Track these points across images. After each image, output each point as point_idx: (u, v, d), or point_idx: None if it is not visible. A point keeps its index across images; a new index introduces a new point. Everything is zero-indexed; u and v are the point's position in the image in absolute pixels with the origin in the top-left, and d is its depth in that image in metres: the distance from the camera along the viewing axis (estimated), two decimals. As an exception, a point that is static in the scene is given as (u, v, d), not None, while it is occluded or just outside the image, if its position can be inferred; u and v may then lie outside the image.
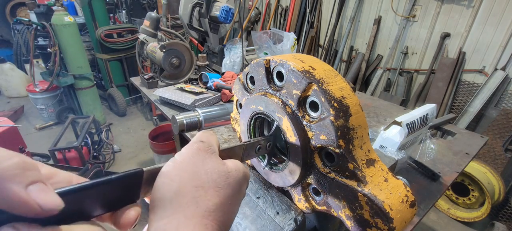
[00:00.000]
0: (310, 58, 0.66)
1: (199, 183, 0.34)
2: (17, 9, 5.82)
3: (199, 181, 0.34)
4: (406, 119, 1.06)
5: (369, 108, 1.89)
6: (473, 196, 2.68)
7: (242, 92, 0.81)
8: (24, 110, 4.83)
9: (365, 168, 0.59)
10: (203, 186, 0.34)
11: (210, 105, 1.80)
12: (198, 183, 0.34)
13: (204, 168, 0.36)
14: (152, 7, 4.93)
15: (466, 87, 2.97)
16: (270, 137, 0.70)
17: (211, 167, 0.37)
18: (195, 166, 0.36)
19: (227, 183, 0.37)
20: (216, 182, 0.36)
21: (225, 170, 0.38)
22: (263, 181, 0.84)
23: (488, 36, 2.74)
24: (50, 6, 3.77)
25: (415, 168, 1.23)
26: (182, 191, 0.33)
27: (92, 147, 3.20)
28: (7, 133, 1.60)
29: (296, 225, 0.71)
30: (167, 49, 1.99)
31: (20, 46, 4.91)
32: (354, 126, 0.58)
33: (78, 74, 3.80)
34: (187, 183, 0.33)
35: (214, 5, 2.20)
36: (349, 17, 3.81)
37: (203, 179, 0.35)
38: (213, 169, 0.37)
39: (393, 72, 3.57)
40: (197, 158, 0.37)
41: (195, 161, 0.36)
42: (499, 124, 2.68)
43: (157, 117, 4.36)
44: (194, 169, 0.35)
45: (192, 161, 0.36)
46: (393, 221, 0.53)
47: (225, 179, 0.37)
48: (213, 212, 0.34)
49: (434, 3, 3.03)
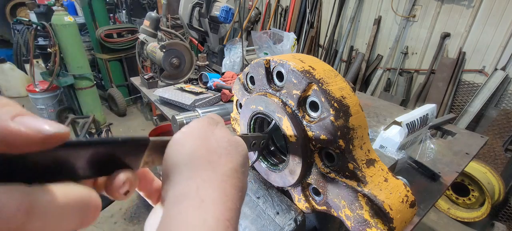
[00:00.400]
0: (310, 58, 0.66)
1: (212, 148, 0.34)
2: (17, 9, 5.82)
3: (212, 147, 0.34)
4: (406, 119, 1.06)
5: (369, 108, 1.89)
6: (473, 196, 2.68)
7: (242, 92, 0.81)
8: (24, 110, 4.83)
9: (365, 168, 0.59)
10: (216, 151, 0.34)
11: (210, 105, 1.80)
12: (211, 148, 0.34)
13: (214, 136, 0.36)
14: (152, 7, 4.93)
15: (466, 87, 2.97)
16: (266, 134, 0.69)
17: (221, 135, 0.36)
18: (205, 133, 0.35)
19: (237, 151, 0.37)
20: (228, 149, 0.35)
21: (234, 139, 0.38)
22: (263, 181, 0.84)
23: (488, 36, 2.74)
24: (50, 6, 3.77)
25: (415, 168, 1.23)
26: (196, 154, 0.32)
27: (92, 147, 3.19)
28: (7, 133, 1.60)
29: (296, 225, 0.71)
30: (167, 49, 1.99)
31: (20, 46, 4.91)
32: (354, 126, 0.58)
33: (78, 74, 3.79)
34: (200, 146, 0.33)
35: (214, 5, 2.20)
36: (349, 17, 3.81)
37: (214, 145, 0.34)
38: (223, 137, 0.36)
39: (393, 72, 3.57)
40: (206, 128, 0.36)
41: (205, 129, 0.36)
42: (499, 124, 2.68)
43: (157, 116, 4.36)
44: (204, 136, 0.35)
45: (202, 129, 0.36)
46: (393, 221, 0.53)
47: (235, 147, 0.37)
48: (229, 177, 0.33)
49: (434, 3, 3.03)
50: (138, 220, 2.72)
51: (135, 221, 2.71)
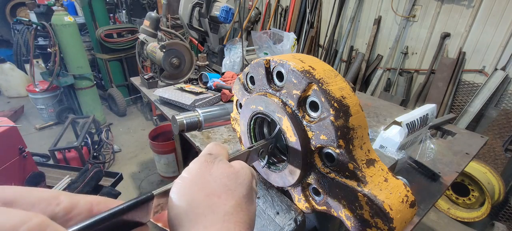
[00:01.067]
0: (310, 58, 0.66)
1: (210, 191, 0.34)
2: (17, 9, 5.82)
3: (210, 189, 0.35)
4: (406, 119, 1.06)
5: (369, 108, 1.89)
6: (473, 196, 2.68)
7: (242, 92, 0.81)
8: (24, 110, 4.83)
9: (365, 168, 0.59)
10: (214, 193, 0.34)
11: (210, 105, 1.80)
12: (209, 191, 0.34)
13: (212, 176, 0.36)
14: (152, 7, 4.93)
15: (466, 87, 2.97)
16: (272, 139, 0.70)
17: (219, 173, 0.37)
18: (203, 176, 0.36)
19: (238, 183, 0.37)
20: (228, 186, 0.36)
21: (233, 172, 0.38)
22: (263, 181, 0.84)
23: (488, 36, 2.74)
24: (50, 6, 3.77)
25: (415, 168, 1.23)
26: (195, 202, 0.33)
27: (92, 147, 3.20)
28: (7, 133, 1.60)
29: (296, 225, 0.71)
30: (167, 49, 1.99)
31: (20, 46, 4.91)
32: (354, 126, 0.58)
33: (78, 74, 3.79)
34: (198, 193, 0.33)
35: (214, 5, 2.20)
36: (349, 17, 3.81)
37: (213, 186, 0.35)
38: (221, 174, 0.37)
39: (393, 72, 3.57)
40: (204, 169, 0.37)
41: (203, 171, 0.37)
42: (499, 124, 2.68)
43: (157, 116, 4.36)
44: (202, 180, 0.35)
45: (199, 172, 0.36)
46: (393, 221, 0.53)
47: (235, 180, 0.37)
48: (232, 215, 0.33)
49: (434, 3, 3.03)
50: None
51: (135, 221, 2.71)
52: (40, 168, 1.88)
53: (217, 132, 1.48)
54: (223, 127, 1.52)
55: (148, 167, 3.47)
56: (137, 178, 3.30)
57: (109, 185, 1.76)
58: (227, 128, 1.52)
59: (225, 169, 0.38)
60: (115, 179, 1.86)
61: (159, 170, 3.15)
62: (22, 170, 1.71)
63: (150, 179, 3.28)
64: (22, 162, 1.71)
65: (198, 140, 1.40)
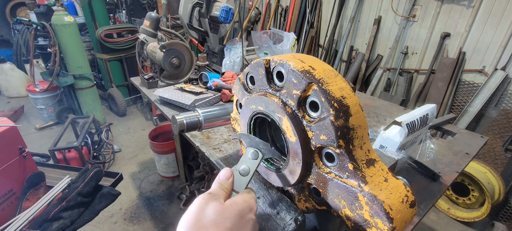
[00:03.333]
0: (310, 58, 0.66)
1: (200, 225, 0.43)
2: (17, 9, 5.82)
3: (200, 224, 0.44)
4: (406, 119, 1.06)
5: (369, 108, 1.89)
6: (473, 196, 2.68)
7: (242, 92, 0.81)
8: (24, 110, 4.83)
9: (365, 168, 0.59)
10: (203, 226, 0.43)
11: (210, 105, 1.80)
12: (200, 225, 0.43)
13: (205, 213, 0.45)
14: (152, 7, 4.93)
15: (466, 87, 2.97)
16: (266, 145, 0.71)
17: (211, 210, 0.46)
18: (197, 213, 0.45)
19: (224, 218, 0.45)
20: (215, 220, 0.44)
21: (221, 208, 0.47)
22: (263, 181, 0.84)
23: (488, 36, 2.74)
24: (50, 6, 3.77)
25: (415, 168, 1.23)
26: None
27: (92, 147, 3.20)
28: (7, 133, 1.60)
29: (296, 225, 0.71)
30: (167, 49, 1.99)
31: (20, 46, 4.91)
32: (354, 126, 0.58)
33: (78, 74, 3.79)
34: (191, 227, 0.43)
35: (214, 5, 2.20)
36: (349, 17, 3.81)
37: (203, 221, 0.44)
38: (212, 211, 0.46)
39: (393, 72, 3.57)
40: (199, 208, 0.46)
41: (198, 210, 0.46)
42: (499, 124, 2.68)
43: (157, 116, 4.36)
44: (196, 216, 0.45)
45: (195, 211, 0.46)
46: (393, 221, 0.53)
47: (221, 214, 0.46)
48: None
49: (434, 3, 3.03)
50: (138, 220, 2.72)
51: (135, 221, 2.71)
52: (40, 168, 1.88)
53: (217, 132, 1.48)
54: (223, 127, 1.52)
55: (148, 167, 3.48)
56: (137, 178, 3.30)
57: (109, 185, 1.76)
58: (227, 128, 1.52)
59: (215, 206, 0.47)
60: (115, 179, 1.86)
61: (159, 170, 3.15)
62: (22, 170, 1.71)
63: (150, 179, 3.28)
64: (22, 162, 1.71)
65: (198, 140, 1.40)
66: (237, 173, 0.60)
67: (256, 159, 0.64)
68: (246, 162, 0.63)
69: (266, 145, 0.69)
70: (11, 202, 1.65)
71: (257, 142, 0.69)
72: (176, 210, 2.81)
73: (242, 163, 0.62)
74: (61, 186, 1.68)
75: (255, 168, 0.62)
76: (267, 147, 0.69)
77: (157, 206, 2.89)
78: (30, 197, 1.67)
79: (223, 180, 0.55)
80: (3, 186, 1.61)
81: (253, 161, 0.64)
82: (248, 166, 0.61)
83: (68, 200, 1.49)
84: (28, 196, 1.67)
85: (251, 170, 0.60)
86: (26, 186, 1.69)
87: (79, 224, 1.47)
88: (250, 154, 0.65)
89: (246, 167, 0.60)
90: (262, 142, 0.69)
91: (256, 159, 0.64)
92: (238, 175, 0.59)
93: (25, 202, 1.64)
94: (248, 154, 0.65)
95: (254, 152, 0.65)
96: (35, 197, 1.66)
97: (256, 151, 0.66)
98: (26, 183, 1.70)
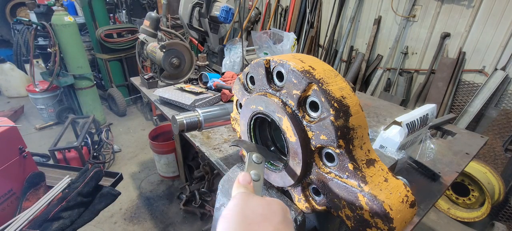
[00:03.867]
0: (310, 58, 0.66)
1: (249, 220, 0.39)
2: (17, 9, 5.82)
3: (249, 219, 0.40)
4: (406, 119, 1.06)
5: (369, 108, 1.89)
6: (473, 196, 2.68)
7: (242, 92, 0.81)
8: (24, 110, 4.83)
9: (365, 168, 0.59)
10: (254, 221, 0.39)
11: (210, 105, 1.80)
12: (249, 221, 0.39)
13: (250, 209, 0.41)
14: (152, 7, 4.93)
15: (466, 87, 2.97)
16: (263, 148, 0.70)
17: (255, 204, 0.42)
18: (242, 210, 0.41)
19: (272, 211, 0.42)
20: (264, 215, 0.41)
21: (266, 202, 0.44)
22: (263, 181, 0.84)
23: (488, 36, 2.74)
24: (50, 6, 3.77)
25: (415, 168, 1.23)
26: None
27: (92, 147, 3.20)
28: (7, 133, 1.60)
29: (296, 225, 0.71)
30: (167, 49, 1.99)
31: (20, 46, 4.91)
32: (354, 126, 0.58)
33: (78, 74, 3.79)
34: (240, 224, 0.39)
35: (214, 5, 2.20)
36: (349, 17, 3.80)
37: (251, 217, 0.40)
38: (257, 206, 0.42)
39: (393, 72, 3.57)
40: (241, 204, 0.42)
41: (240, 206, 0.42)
42: (499, 124, 2.68)
43: (157, 116, 4.36)
44: (242, 213, 0.41)
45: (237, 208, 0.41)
46: (393, 221, 0.53)
47: (269, 209, 0.42)
48: None
49: (434, 3, 3.03)
50: (138, 220, 2.72)
51: (135, 221, 2.71)
52: (40, 168, 1.88)
53: (217, 132, 1.48)
54: (223, 127, 1.52)
55: (148, 167, 3.48)
56: (137, 178, 3.30)
57: (109, 185, 1.76)
58: (227, 128, 1.52)
59: (259, 201, 0.43)
60: (115, 179, 1.86)
61: (159, 170, 3.15)
62: (22, 170, 1.71)
63: (150, 179, 3.28)
64: (22, 162, 1.71)
65: (198, 140, 1.40)
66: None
67: (260, 163, 0.64)
68: (253, 167, 0.62)
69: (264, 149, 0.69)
70: (11, 202, 1.65)
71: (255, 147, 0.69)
72: (176, 210, 2.81)
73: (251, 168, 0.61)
74: (61, 186, 1.68)
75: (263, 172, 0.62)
76: (265, 151, 0.68)
77: (157, 206, 2.89)
78: (30, 197, 1.67)
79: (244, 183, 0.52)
80: (3, 186, 1.61)
81: (259, 165, 0.63)
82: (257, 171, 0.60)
83: (68, 200, 1.49)
84: (28, 196, 1.67)
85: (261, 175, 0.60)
86: (26, 186, 1.69)
87: (79, 224, 1.47)
88: (255, 158, 0.64)
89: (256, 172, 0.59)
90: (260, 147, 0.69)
91: (261, 163, 0.64)
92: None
93: (25, 202, 1.64)
94: (252, 158, 0.65)
95: (257, 156, 0.65)
96: (35, 197, 1.66)
97: (259, 155, 0.65)
98: (26, 183, 1.70)
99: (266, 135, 0.83)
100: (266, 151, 0.69)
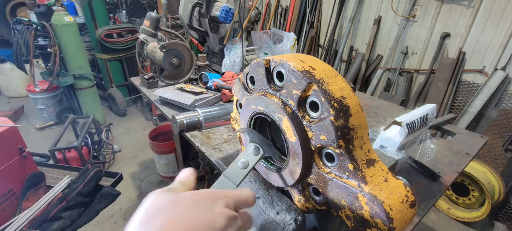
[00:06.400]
0: (310, 58, 0.66)
1: (148, 217, 0.41)
2: (17, 9, 5.82)
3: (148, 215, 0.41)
4: (406, 119, 1.06)
5: (369, 108, 1.89)
6: (473, 196, 2.68)
7: (242, 92, 0.81)
8: (24, 110, 4.83)
9: (365, 168, 0.59)
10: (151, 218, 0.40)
11: (210, 105, 1.80)
12: (148, 217, 0.41)
13: (155, 205, 0.43)
14: (152, 7, 4.93)
15: (466, 87, 2.97)
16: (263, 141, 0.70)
17: (162, 200, 0.43)
18: (147, 208, 0.42)
19: (175, 206, 0.42)
20: (162, 209, 0.41)
21: (174, 199, 0.44)
22: (263, 181, 0.84)
23: (488, 36, 2.74)
24: (50, 6, 3.77)
25: (415, 168, 1.23)
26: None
27: (92, 147, 3.20)
28: (7, 133, 1.60)
29: (296, 225, 0.71)
30: (167, 49, 1.99)
31: (20, 46, 4.91)
32: (354, 126, 0.58)
33: (78, 74, 3.80)
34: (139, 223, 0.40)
35: (214, 5, 2.20)
36: (349, 17, 3.80)
37: (150, 212, 0.41)
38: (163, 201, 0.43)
39: (393, 72, 3.57)
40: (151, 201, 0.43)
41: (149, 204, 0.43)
42: (499, 124, 2.68)
43: (157, 116, 4.36)
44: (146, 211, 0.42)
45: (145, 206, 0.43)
46: (393, 221, 0.53)
47: (173, 204, 0.42)
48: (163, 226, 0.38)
49: (434, 3, 3.03)
50: None
51: (135, 221, 2.71)
52: (40, 168, 1.88)
53: (217, 132, 1.48)
54: (223, 127, 1.52)
55: (148, 167, 3.47)
56: (137, 178, 3.30)
57: (109, 185, 1.76)
58: (227, 128, 1.52)
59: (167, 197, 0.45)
60: (115, 179, 1.86)
61: (159, 170, 3.15)
62: (22, 170, 1.71)
63: (150, 179, 3.28)
64: (22, 162, 1.71)
65: (198, 140, 1.40)
66: (236, 165, 0.59)
67: (257, 154, 0.64)
68: (246, 156, 0.62)
69: (269, 143, 0.69)
70: (11, 202, 1.65)
71: (260, 139, 0.69)
72: (176, 210, 2.81)
73: (242, 157, 0.62)
74: (61, 186, 1.68)
75: (254, 163, 0.62)
76: (268, 145, 0.68)
77: (157, 206, 2.88)
78: (30, 197, 1.67)
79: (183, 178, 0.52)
80: (3, 186, 1.61)
81: (253, 156, 0.64)
82: (247, 160, 0.61)
83: (68, 200, 1.49)
84: (28, 196, 1.67)
85: (250, 164, 0.60)
86: (26, 186, 1.69)
87: (79, 224, 1.47)
88: (252, 149, 0.65)
89: (245, 160, 0.60)
90: (264, 140, 0.69)
91: (257, 154, 0.64)
92: (236, 168, 0.58)
93: (25, 202, 1.64)
94: (249, 149, 0.65)
95: (255, 148, 0.65)
96: (35, 197, 1.66)
97: (258, 147, 0.66)
98: (26, 183, 1.70)
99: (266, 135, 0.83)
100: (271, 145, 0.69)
